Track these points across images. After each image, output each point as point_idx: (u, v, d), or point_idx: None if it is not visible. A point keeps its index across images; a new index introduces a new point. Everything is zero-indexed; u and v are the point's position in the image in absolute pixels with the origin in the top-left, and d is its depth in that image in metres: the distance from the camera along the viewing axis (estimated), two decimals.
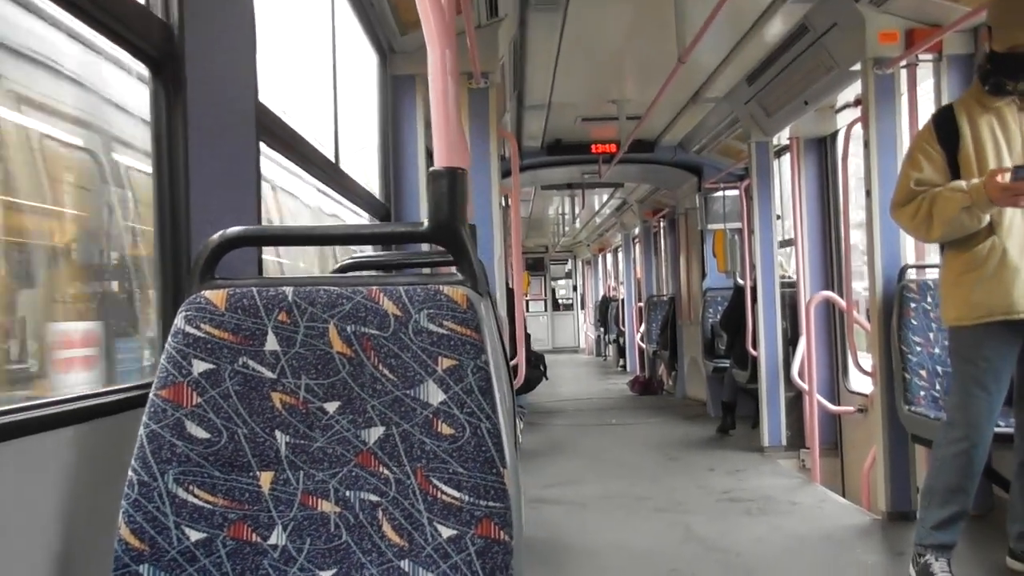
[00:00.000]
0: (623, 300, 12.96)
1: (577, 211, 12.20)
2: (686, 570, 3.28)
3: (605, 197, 11.16)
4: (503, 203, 5.23)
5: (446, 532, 1.02)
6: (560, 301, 20.97)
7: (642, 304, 11.17)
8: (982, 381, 2.80)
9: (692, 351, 8.51)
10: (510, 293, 5.04)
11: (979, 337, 2.80)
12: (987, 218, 2.75)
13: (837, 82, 4.35)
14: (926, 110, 4.05)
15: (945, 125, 2.89)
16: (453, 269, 1.22)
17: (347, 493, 1.04)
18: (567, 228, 15.71)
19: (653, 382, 9.93)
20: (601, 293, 16.86)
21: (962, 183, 2.77)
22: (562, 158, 7.41)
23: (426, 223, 1.13)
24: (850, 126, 4.37)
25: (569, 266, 21.26)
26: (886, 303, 3.78)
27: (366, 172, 3.65)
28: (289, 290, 1.08)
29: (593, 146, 7.23)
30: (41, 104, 1.44)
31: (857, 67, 3.98)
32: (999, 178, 2.65)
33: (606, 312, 14.65)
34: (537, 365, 6.60)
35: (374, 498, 1.04)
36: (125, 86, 1.46)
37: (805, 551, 3.51)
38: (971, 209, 2.72)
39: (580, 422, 7.61)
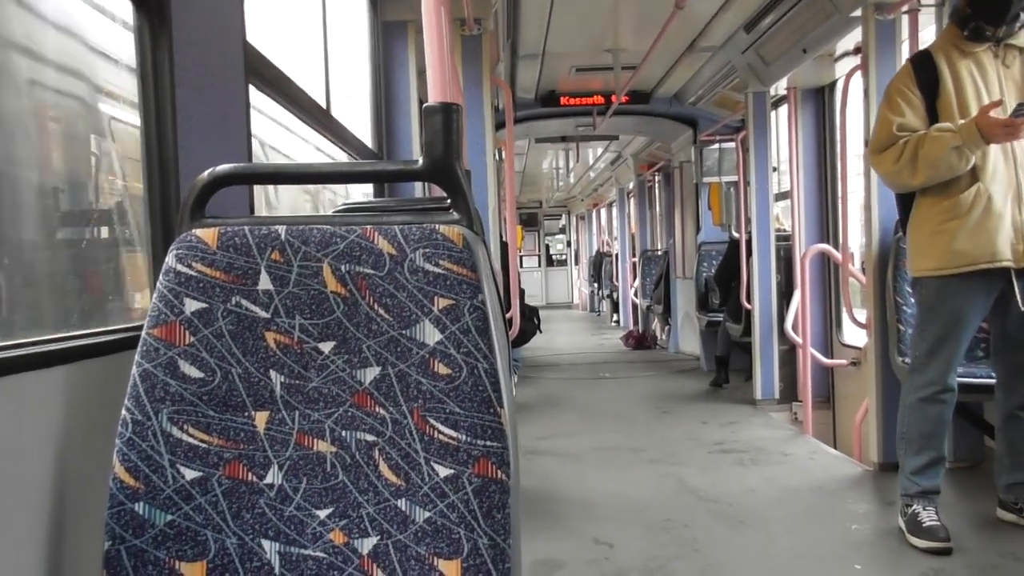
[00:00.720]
0: (617, 255, 12.95)
1: (571, 165, 12.11)
2: (679, 520, 3.31)
3: (600, 151, 11.08)
4: (497, 156, 5.18)
5: (443, 471, 1.02)
6: (554, 256, 20.96)
7: (636, 259, 11.16)
8: (955, 331, 2.82)
9: (686, 306, 8.52)
10: (504, 247, 5.01)
11: (957, 287, 2.79)
12: (973, 160, 2.70)
13: (837, 29, 4.28)
14: None
15: (924, 69, 2.83)
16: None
17: (343, 433, 1.04)
18: (561, 183, 15.61)
19: (647, 337, 9.98)
20: (595, 248, 16.84)
21: (949, 124, 2.73)
22: (556, 109, 7.32)
23: (420, 161, 1.10)
24: (849, 75, 4.30)
25: (563, 221, 21.20)
26: (882, 255, 3.77)
27: (354, 121, 3.58)
28: (282, 229, 1.06)
29: (588, 97, 7.13)
30: None
31: (857, 13, 3.91)
32: (993, 112, 2.62)
33: (600, 267, 14.65)
34: (531, 318, 6.60)
35: (370, 438, 1.03)
36: None
37: (797, 501, 3.55)
38: (961, 149, 2.67)
39: (574, 376, 7.65)
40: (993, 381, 3.01)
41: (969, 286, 2.78)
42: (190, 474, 1.02)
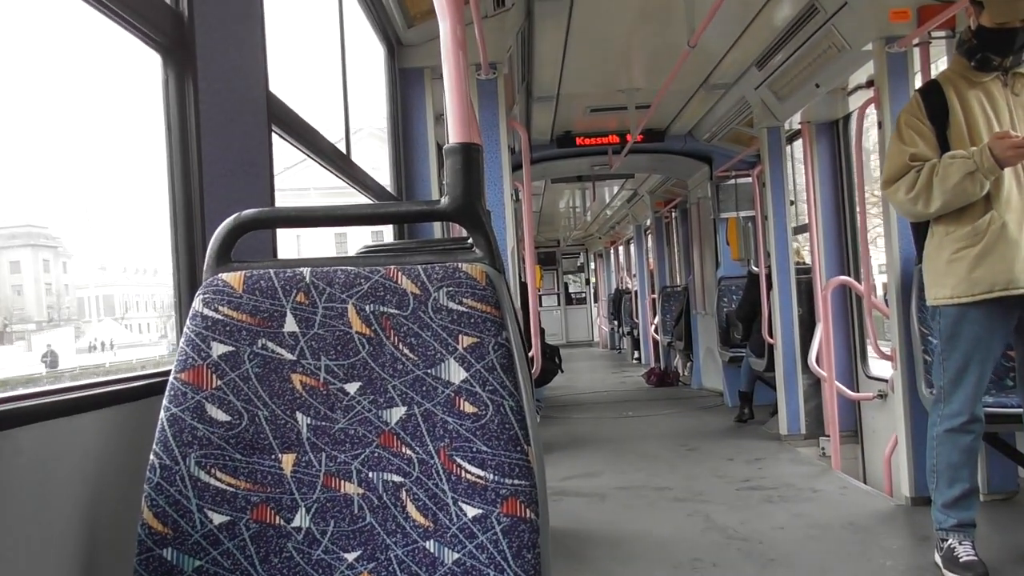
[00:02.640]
0: (636, 292, 12.91)
1: (588, 204, 12.15)
2: (708, 559, 3.26)
3: (616, 189, 11.11)
4: (514, 197, 5.21)
5: (471, 511, 1.01)
6: (573, 295, 20.95)
7: (656, 295, 11.13)
8: (977, 359, 2.80)
9: (707, 341, 8.46)
10: (523, 287, 5.02)
11: (976, 315, 2.78)
12: (988, 186, 2.71)
13: (849, 63, 4.31)
14: None
15: (933, 100, 2.86)
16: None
17: (370, 474, 1.03)
18: (578, 221, 15.65)
19: (669, 373, 9.90)
20: (614, 286, 16.82)
21: (962, 151, 2.75)
22: (572, 150, 7.37)
23: (443, 200, 1.12)
24: (863, 108, 4.32)
25: (581, 260, 21.23)
26: (905, 285, 3.74)
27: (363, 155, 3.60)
28: (306, 271, 1.07)
29: (603, 137, 7.19)
30: None
31: (869, 47, 3.94)
32: (1008, 139, 2.63)
33: (619, 305, 14.61)
34: (552, 358, 6.58)
35: (397, 479, 1.03)
36: None
37: (828, 538, 3.48)
38: (975, 174, 2.68)
39: (597, 415, 7.59)
40: (1016, 411, 2.97)
41: (987, 313, 2.77)
42: (218, 519, 1.02)
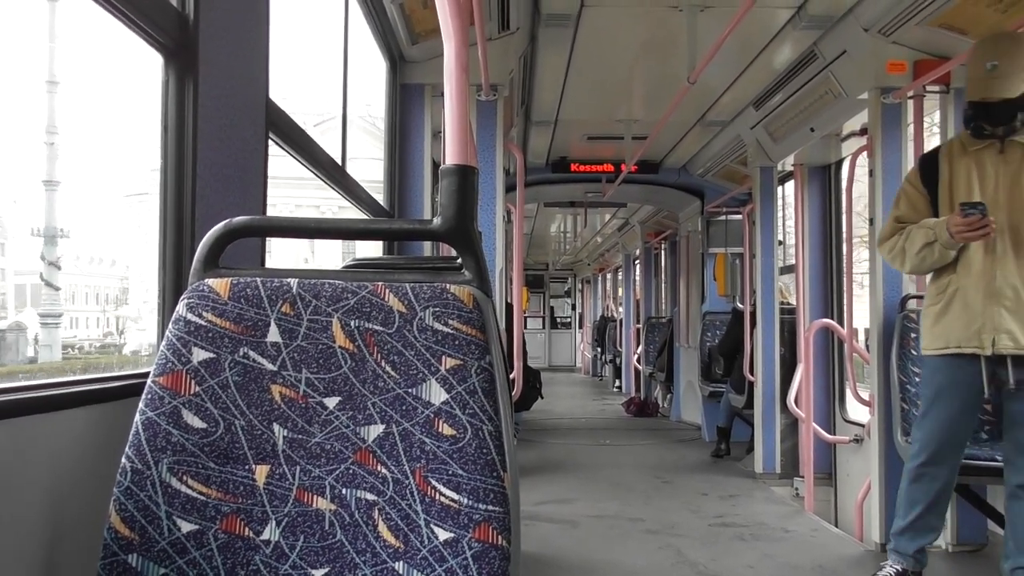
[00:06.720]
0: (621, 320, 12.93)
1: (579, 230, 12.19)
2: None
3: (608, 217, 11.17)
4: (506, 218, 5.22)
5: (443, 535, 1.00)
6: (558, 319, 20.95)
7: (640, 325, 11.15)
8: (937, 408, 3.02)
9: (689, 374, 8.47)
10: (508, 307, 5.01)
11: (937, 366, 3.03)
12: (953, 254, 2.93)
13: (844, 110, 4.36)
14: (933, 141, 4.06)
15: (928, 167, 3.11)
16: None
17: (343, 491, 1.02)
18: (568, 246, 15.69)
19: (648, 404, 9.89)
20: (600, 313, 16.83)
21: (931, 220, 2.97)
22: (566, 175, 7.42)
23: (436, 221, 1.12)
24: (855, 155, 4.37)
25: (569, 284, 21.26)
26: (886, 332, 3.77)
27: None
28: (294, 282, 1.06)
29: (598, 164, 7.24)
30: None
31: (865, 96, 4.00)
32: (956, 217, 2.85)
33: (604, 332, 14.61)
34: (533, 384, 6.56)
35: (371, 497, 1.02)
36: None
37: None
38: (933, 244, 2.92)
39: (574, 441, 7.57)
40: (995, 463, 3.08)
41: (950, 366, 2.98)
42: (186, 527, 1.00)
